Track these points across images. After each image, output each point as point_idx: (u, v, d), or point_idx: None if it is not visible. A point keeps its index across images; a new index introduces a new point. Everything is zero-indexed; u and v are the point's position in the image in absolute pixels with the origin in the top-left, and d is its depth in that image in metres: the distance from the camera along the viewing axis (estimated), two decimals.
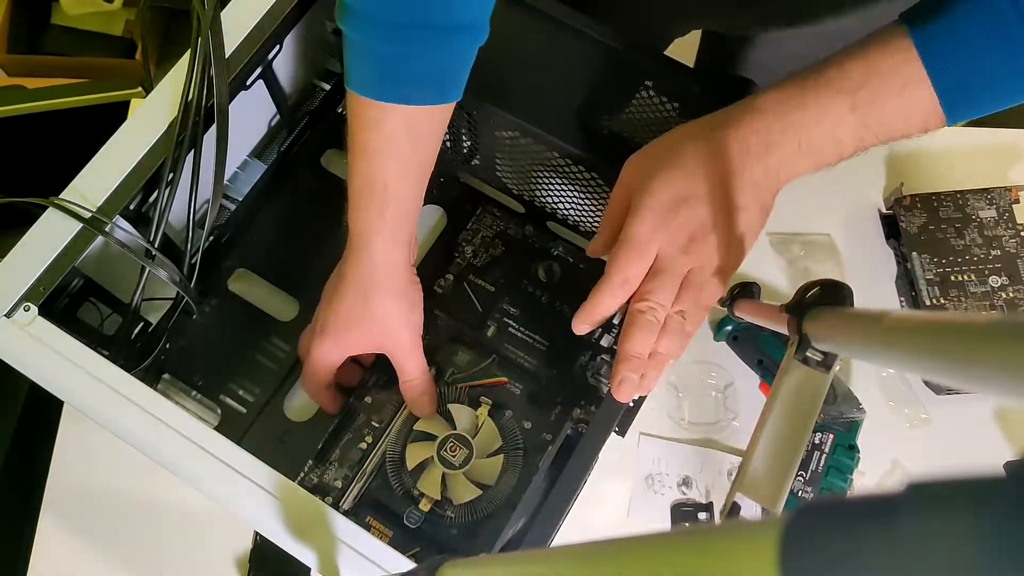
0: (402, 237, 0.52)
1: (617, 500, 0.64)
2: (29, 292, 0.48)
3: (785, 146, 0.43)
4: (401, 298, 0.54)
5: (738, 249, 0.46)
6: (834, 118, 0.42)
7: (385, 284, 0.53)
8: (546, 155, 0.55)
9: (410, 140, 0.49)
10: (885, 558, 0.14)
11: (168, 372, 0.60)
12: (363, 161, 0.49)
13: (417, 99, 0.47)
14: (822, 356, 0.45)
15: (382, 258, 0.52)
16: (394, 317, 0.54)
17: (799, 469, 0.58)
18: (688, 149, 0.45)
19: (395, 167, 0.49)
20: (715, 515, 0.62)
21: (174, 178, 0.52)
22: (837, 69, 0.42)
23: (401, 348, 0.55)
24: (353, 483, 0.55)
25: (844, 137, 0.42)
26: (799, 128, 0.43)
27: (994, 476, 0.13)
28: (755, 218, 0.45)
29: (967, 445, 0.66)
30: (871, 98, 0.41)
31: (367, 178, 0.50)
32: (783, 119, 0.43)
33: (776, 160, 0.44)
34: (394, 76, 0.46)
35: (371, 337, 0.54)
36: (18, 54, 1.25)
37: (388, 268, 0.53)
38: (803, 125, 0.43)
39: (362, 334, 0.54)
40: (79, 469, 0.64)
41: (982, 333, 0.27)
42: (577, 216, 0.61)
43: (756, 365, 0.66)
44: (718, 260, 0.45)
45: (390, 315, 0.54)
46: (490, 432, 0.57)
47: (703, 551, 0.20)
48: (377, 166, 0.49)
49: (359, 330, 0.54)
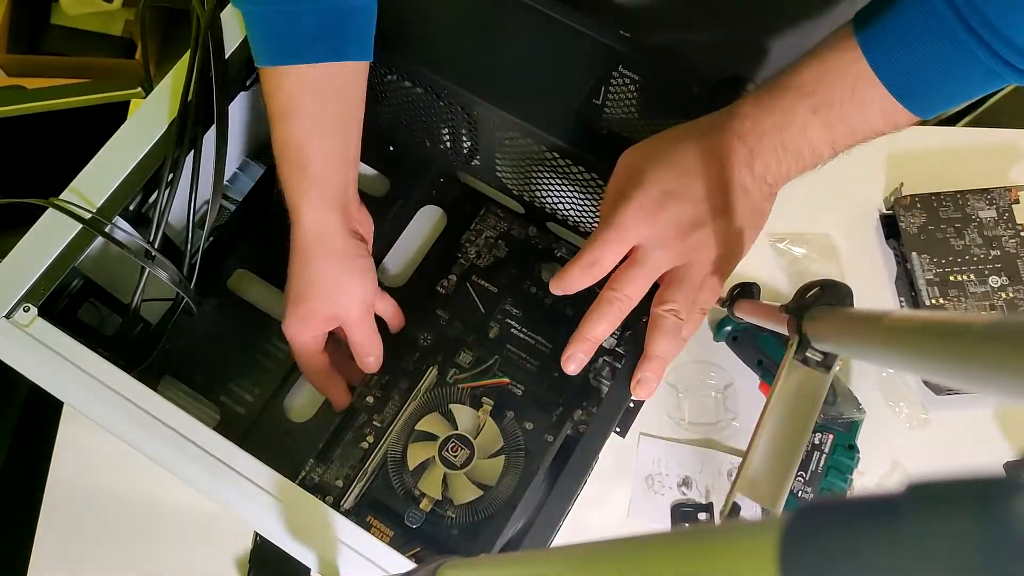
0: (328, 199, 0.52)
1: (617, 500, 0.64)
2: (29, 293, 0.48)
3: (765, 151, 0.44)
4: (340, 263, 0.54)
5: (730, 252, 0.46)
6: (800, 122, 0.43)
7: (320, 250, 0.53)
8: (546, 155, 0.55)
9: (316, 99, 0.50)
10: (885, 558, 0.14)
11: (168, 373, 0.60)
12: (275, 126, 0.51)
13: (308, 56, 0.48)
14: (822, 356, 0.45)
15: (311, 224, 0.52)
16: (335, 285, 0.54)
17: (799, 469, 0.58)
18: (681, 148, 0.45)
19: (303, 126, 0.50)
20: (715, 515, 0.62)
21: (174, 179, 0.52)
22: (795, 74, 0.43)
23: (347, 315, 0.55)
24: (354, 483, 0.55)
25: (815, 139, 0.43)
26: (773, 134, 0.43)
27: (994, 476, 0.13)
28: (747, 222, 0.45)
29: (967, 445, 0.66)
30: (827, 99, 0.42)
31: (281, 142, 0.51)
32: (759, 125, 0.44)
33: (761, 166, 0.44)
34: (282, 37, 0.48)
35: (320, 307, 0.54)
36: (18, 54, 1.25)
37: (320, 234, 0.53)
38: (776, 130, 0.43)
39: (313, 306, 0.54)
40: (79, 469, 0.64)
41: (982, 333, 0.27)
42: (577, 217, 0.61)
43: (756, 365, 0.66)
44: (709, 261, 0.45)
45: (331, 282, 0.53)
46: (492, 433, 0.57)
47: (703, 551, 0.20)
48: (286, 128, 0.50)
49: (308, 302, 0.54)
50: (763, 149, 0.44)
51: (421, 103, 0.59)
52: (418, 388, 0.59)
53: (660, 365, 0.46)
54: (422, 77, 0.55)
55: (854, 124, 0.42)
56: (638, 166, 0.46)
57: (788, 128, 0.43)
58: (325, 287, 0.53)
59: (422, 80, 0.56)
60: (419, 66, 0.55)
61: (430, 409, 0.58)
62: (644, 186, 0.45)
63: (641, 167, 0.46)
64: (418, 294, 0.63)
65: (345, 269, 0.54)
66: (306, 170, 0.51)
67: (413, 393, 0.59)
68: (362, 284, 0.55)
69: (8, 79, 1.23)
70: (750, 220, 0.46)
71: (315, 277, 0.53)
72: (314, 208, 0.52)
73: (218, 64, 0.53)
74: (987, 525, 0.13)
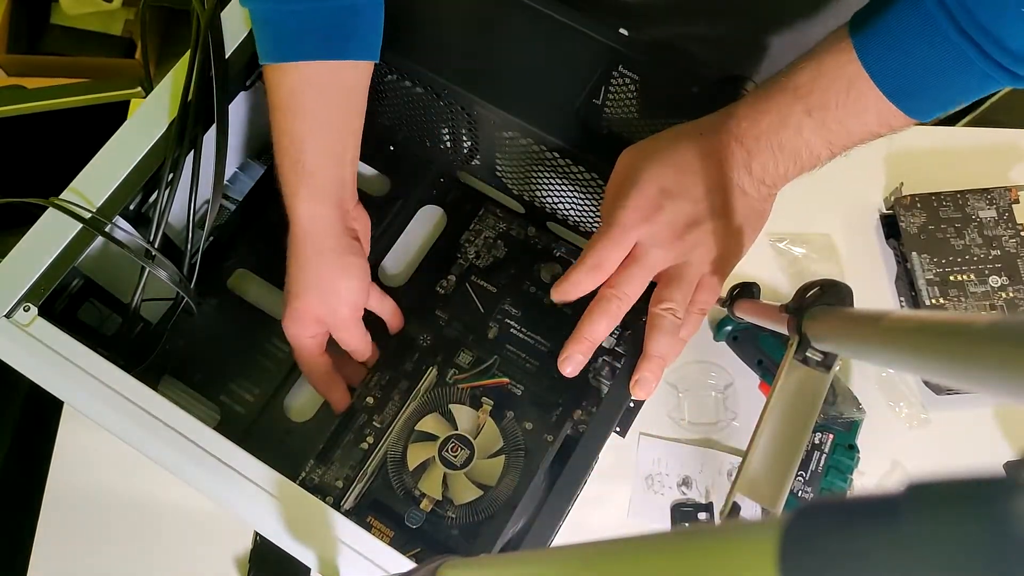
0: (323, 195, 0.52)
1: (617, 500, 0.64)
2: (29, 292, 0.48)
3: (762, 153, 0.44)
4: (331, 261, 0.53)
5: (728, 251, 0.46)
6: (795, 123, 0.43)
7: (312, 247, 0.53)
8: (546, 155, 0.55)
9: (316, 96, 0.50)
10: (885, 558, 0.14)
11: (168, 372, 0.60)
12: (275, 121, 0.51)
13: (311, 54, 0.49)
14: (822, 356, 0.45)
15: (305, 220, 0.52)
16: (326, 283, 0.53)
17: (799, 469, 0.58)
18: (680, 148, 0.46)
19: (303, 122, 0.51)
20: (715, 515, 0.62)
21: (174, 178, 0.52)
22: (791, 75, 0.43)
23: (334, 316, 0.55)
24: (354, 483, 0.55)
25: (812, 140, 0.43)
26: (769, 135, 0.43)
27: (994, 476, 0.13)
28: (746, 222, 0.45)
29: (967, 445, 0.66)
30: (822, 101, 0.42)
31: (280, 137, 0.51)
32: (756, 126, 0.44)
33: (759, 167, 0.44)
34: (285, 35, 0.49)
35: (311, 305, 0.54)
36: (18, 54, 1.25)
37: (312, 231, 0.52)
38: (772, 131, 0.43)
39: (305, 303, 0.54)
40: (79, 469, 0.64)
41: (982, 333, 0.27)
42: (577, 217, 0.61)
43: (756, 365, 0.66)
44: (707, 260, 0.45)
45: (321, 280, 0.53)
46: (491, 433, 0.57)
47: (703, 551, 0.20)
48: (286, 123, 0.51)
49: (300, 300, 0.54)
50: (760, 150, 0.44)
51: (421, 103, 0.59)
52: (418, 388, 0.59)
53: (659, 365, 0.46)
54: (422, 77, 0.55)
55: (850, 126, 0.42)
56: (636, 166, 0.46)
57: (784, 129, 0.43)
58: (316, 284, 0.53)
59: (422, 80, 0.56)
60: (419, 66, 0.55)
61: (430, 409, 0.58)
62: (641, 185, 0.45)
63: (639, 166, 0.46)
64: (417, 294, 0.63)
65: (336, 267, 0.53)
66: (302, 165, 0.51)
67: (413, 393, 0.59)
68: (353, 284, 0.55)
69: (8, 79, 1.23)
70: (749, 220, 0.46)
71: (308, 274, 0.53)
72: (308, 204, 0.52)
73: (218, 64, 0.53)
74: (987, 525, 0.13)
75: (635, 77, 0.54)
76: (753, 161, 0.44)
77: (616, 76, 0.54)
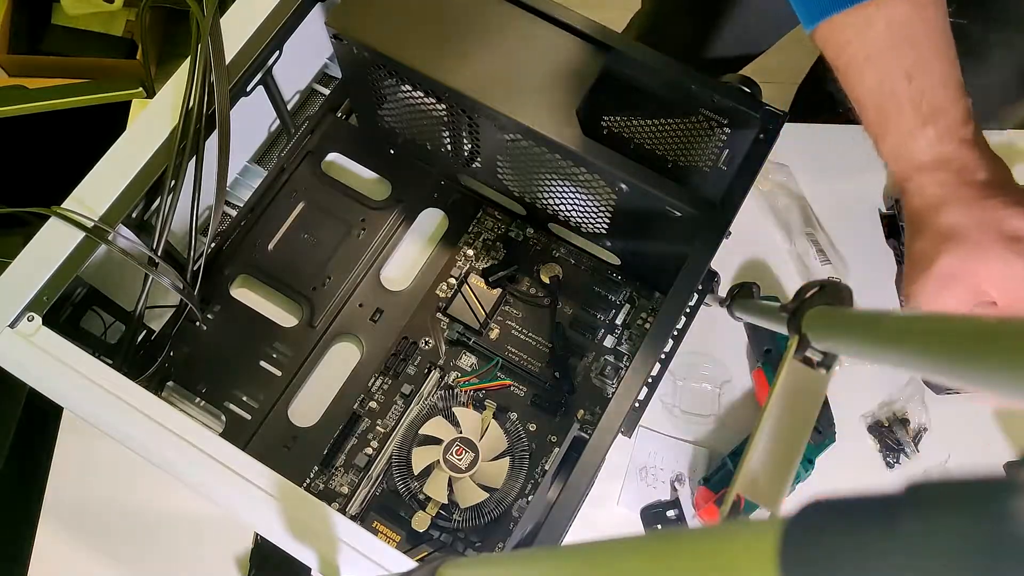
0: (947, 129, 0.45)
1: (613, 494, 0.64)
2: (32, 302, 0.48)
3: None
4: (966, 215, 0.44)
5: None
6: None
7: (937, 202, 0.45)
8: (547, 157, 0.55)
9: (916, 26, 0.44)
10: (885, 558, 0.14)
11: (172, 380, 0.60)
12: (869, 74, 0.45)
13: None
14: (822, 356, 0.45)
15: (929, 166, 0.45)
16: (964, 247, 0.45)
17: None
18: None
19: (905, 59, 0.44)
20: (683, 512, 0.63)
21: (176, 185, 0.52)
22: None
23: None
24: (359, 488, 0.56)
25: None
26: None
27: (994, 476, 0.13)
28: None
29: (967, 445, 0.66)
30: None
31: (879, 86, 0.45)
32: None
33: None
34: None
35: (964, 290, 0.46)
36: (18, 54, 1.25)
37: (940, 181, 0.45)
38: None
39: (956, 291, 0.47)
40: (79, 471, 0.64)
41: (982, 333, 0.27)
42: (579, 218, 0.61)
43: (763, 353, 0.66)
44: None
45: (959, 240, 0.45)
46: (495, 435, 0.57)
47: (703, 551, 0.20)
48: (885, 67, 0.44)
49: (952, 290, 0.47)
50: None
51: (422, 107, 0.59)
52: (420, 392, 0.59)
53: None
54: (423, 81, 0.55)
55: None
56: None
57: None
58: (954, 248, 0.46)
59: (423, 84, 0.56)
60: (420, 70, 0.55)
61: (433, 413, 0.58)
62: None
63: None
64: (419, 298, 0.63)
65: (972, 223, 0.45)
66: (918, 102, 0.44)
67: (416, 397, 0.59)
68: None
69: (9, 79, 1.23)
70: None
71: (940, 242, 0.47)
72: (931, 144, 0.45)
73: (219, 70, 0.53)
74: (987, 525, 0.13)
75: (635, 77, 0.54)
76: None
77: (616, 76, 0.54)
